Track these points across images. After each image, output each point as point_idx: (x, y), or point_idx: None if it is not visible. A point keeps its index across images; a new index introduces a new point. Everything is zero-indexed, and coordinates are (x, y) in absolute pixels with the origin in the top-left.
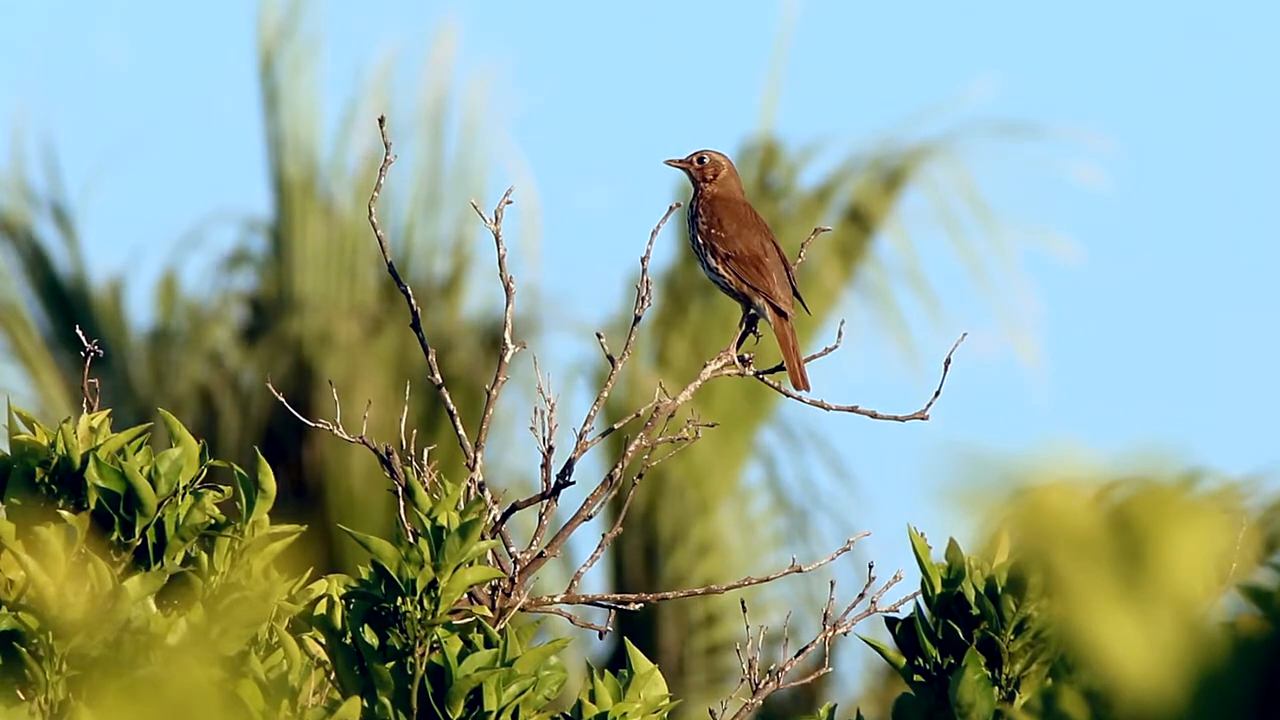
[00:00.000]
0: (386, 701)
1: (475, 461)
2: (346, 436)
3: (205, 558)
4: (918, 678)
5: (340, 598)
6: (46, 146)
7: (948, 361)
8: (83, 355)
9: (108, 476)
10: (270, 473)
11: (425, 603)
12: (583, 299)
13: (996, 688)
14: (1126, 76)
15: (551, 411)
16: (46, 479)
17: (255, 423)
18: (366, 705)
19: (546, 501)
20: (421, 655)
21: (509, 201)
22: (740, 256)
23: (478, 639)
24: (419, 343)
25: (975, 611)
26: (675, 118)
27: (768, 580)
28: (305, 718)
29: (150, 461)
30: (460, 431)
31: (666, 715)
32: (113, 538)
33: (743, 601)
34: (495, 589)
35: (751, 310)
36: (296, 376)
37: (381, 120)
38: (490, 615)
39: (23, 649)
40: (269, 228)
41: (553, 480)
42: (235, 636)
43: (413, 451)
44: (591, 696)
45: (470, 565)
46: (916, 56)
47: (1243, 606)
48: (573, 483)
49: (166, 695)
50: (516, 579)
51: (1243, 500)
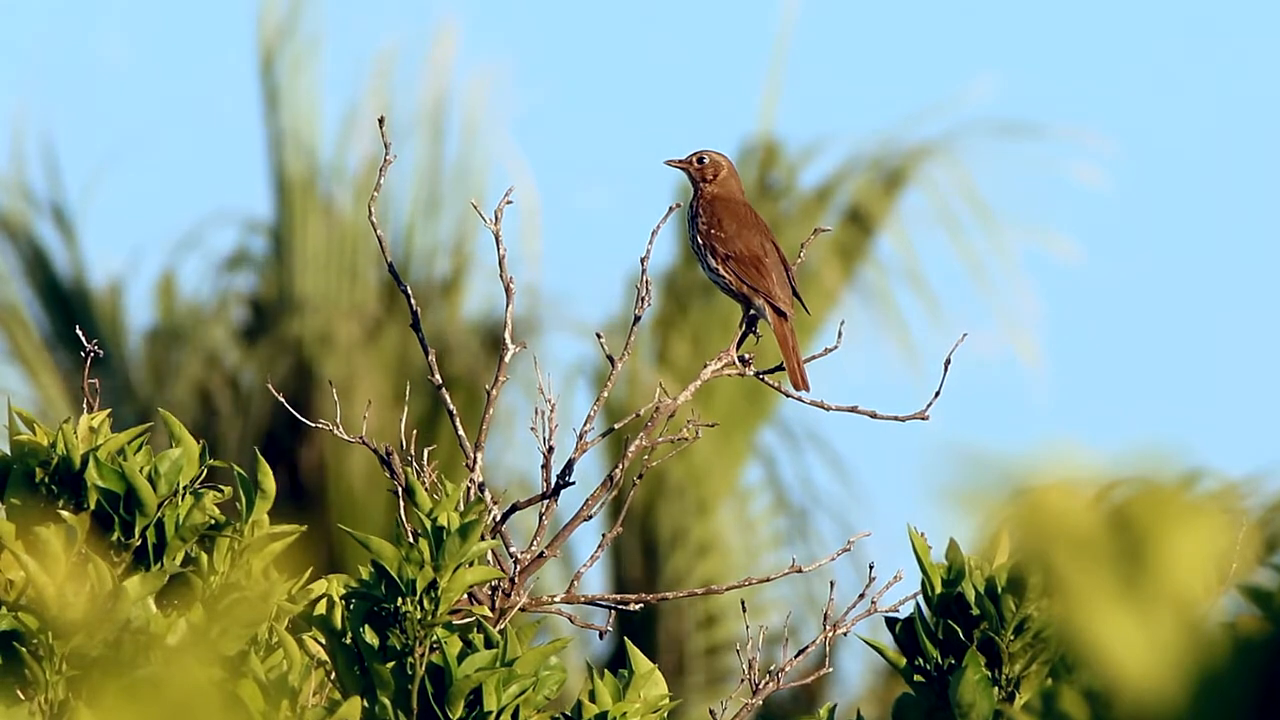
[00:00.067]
0: (386, 701)
1: (475, 462)
2: (347, 437)
3: (205, 558)
4: (918, 678)
5: (340, 598)
6: (46, 147)
7: (948, 361)
8: (83, 355)
9: (108, 477)
10: (270, 473)
11: (425, 603)
12: (583, 299)
13: (996, 688)
14: (1126, 76)
15: (552, 412)
16: (46, 479)
17: (255, 423)
18: (366, 705)
19: (546, 502)
20: (421, 655)
21: (509, 201)
22: (740, 257)
23: (478, 639)
24: (419, 343)
25: (975, 611)
26: (675, 118)
27: (768, 580)
28: (305, 718)
29: (150, 462)
30: (460, 432)
31: (666, 715)
32: (113, 538)
33: (743, 601)
34: (495, 589)
35: (751, 310)
36: (296, 377)
37: (381, 120)
38: (490, 615)
39: (23, 649)
40: (269, 228)
41: (553, 480)
42: (235, 636)
43: (413, 452)
44: (591, 696)
45: (470, 565)
46: (916, 56)
47: (1243, 606)
48: (573, 483)
49: (166, 695)
50: (516, 579)
51: (1243, 500)
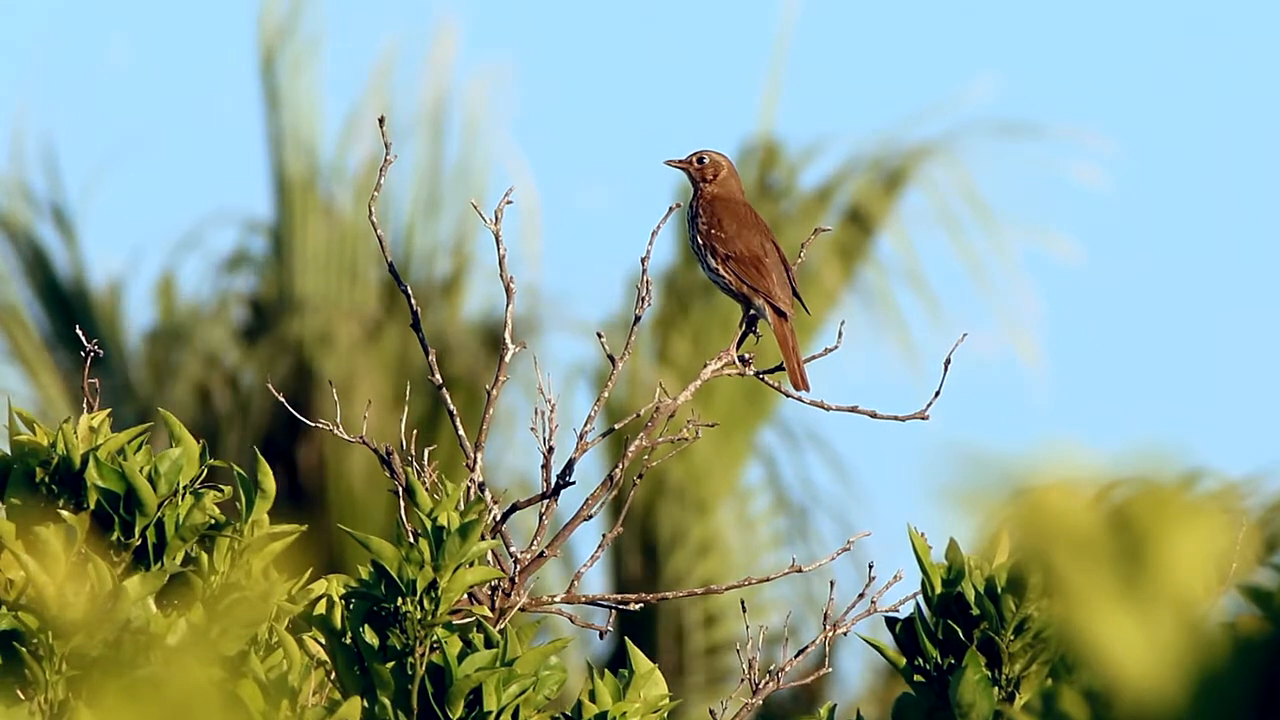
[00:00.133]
0: (386, 701)
1: (475, 462)
2: (347, 437)
3: (205, 558)
4: (918, 678)
5: (340, 598)
6: (46, 147)
7: (948, 361)
8: (83, 355)
9: (108, 476)
10: (270, 473)
11: (425, 603)
12: (583, 299)
13: (996, 688)
14: (1126, 76)
15: (552, 412)
16: (46, 479)
17: (255, 423)
18: (366, 705)
19: (547, 501)
20: (421, 655)
21: (509, 201)
22: (740, 257)
23: (478, 639)
24: (419, 343)
25: (975, 611)
26: (675, 118)
27: (768, 580)
28: (305, 718)
29: (150, 461)
30: (460, 432)
31: (666, 715)
32: (113, 538)
33: (743, 601)
34: (495, 589)
35: (751, 310)
36: (296, 377)
37: (381, 120)
38: (490, 615)
39: (23, 649)
40: (269, 228)
41: (553, 480)
42: (235, 636)
43: (413, 452)
44: (591, 696)
45: (470, 565)
46: (916, 56)
47: (1243, 606)
48: (573, 483)
49: (166, 695)
50: (517, 579)
51: (1243, 500)
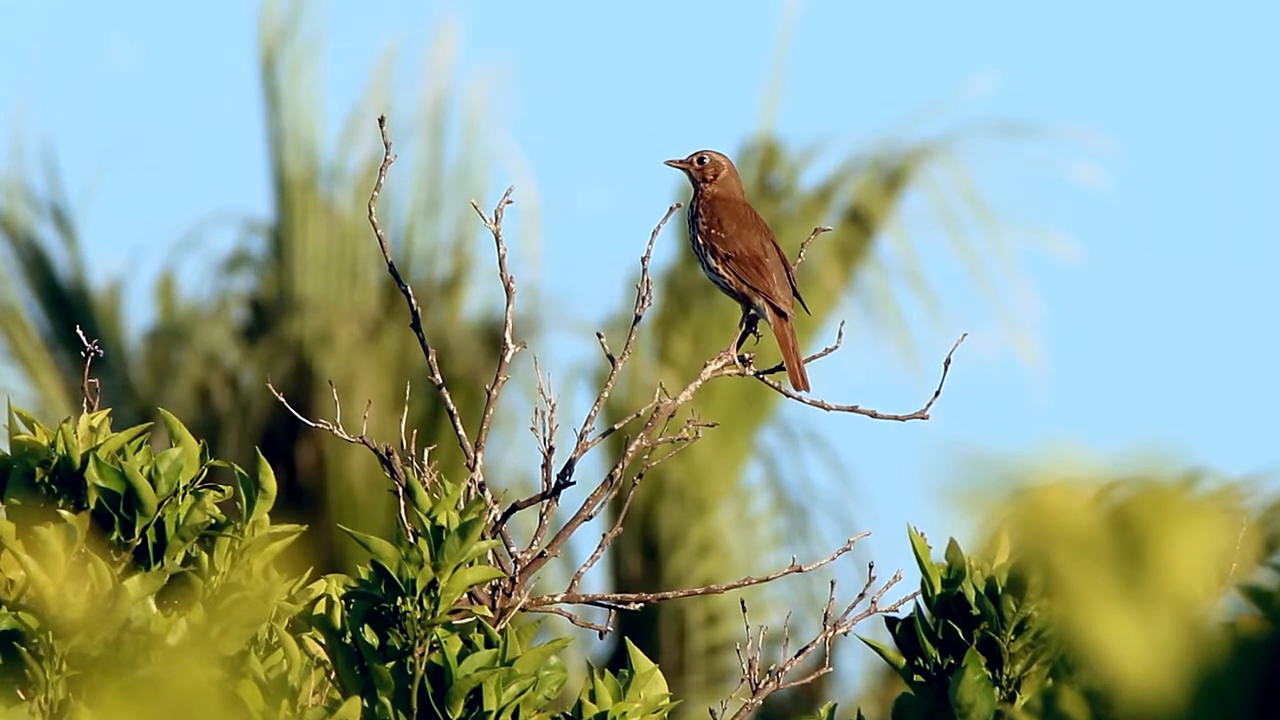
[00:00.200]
0: (386, 701)
1: (475, 461)
2: (347, 437)
3: (205, 558)
4: (918, 678)
5: (340, 598)
6: (46, 147)
7: (948, 361)
8: (83, 355)
9: (108, 476)
10: (270, 472)
11: (425, 603)
12: (583, 299)
13: (997, 688)
14: (1126, 76)
15: (552, 412)
16: (46, 479)
17: (255, 423)
18: (366, 705)
19: (547, 501)
20: (421, 655)
21: (509, 201)
22: (740, 257)
23: (478, 639)
24: (419, 343)
25: (975, 612)
26: (675, 118)
27: (768, 580)
28: (305, 718)
29: (150, 461)
30: (460, 432)
31: (666, 715)
32: (113, 538)
33: (743, 601)
34: (495, 589)
35: (751, 310)
36: (297, 377)
37: (382, 120)
38: (490, 615)
39: (23, 649)
40: (269, 228)
41: (553, 480)
42: (235, 636)
43: (413, 452)
44: (591, 696)
45: (470, 565)
46: (916, 56)
47: (1243, 606)
48: (573, 483)
49: (166, 695)
50: (517, 579)
51: (1243, 500)
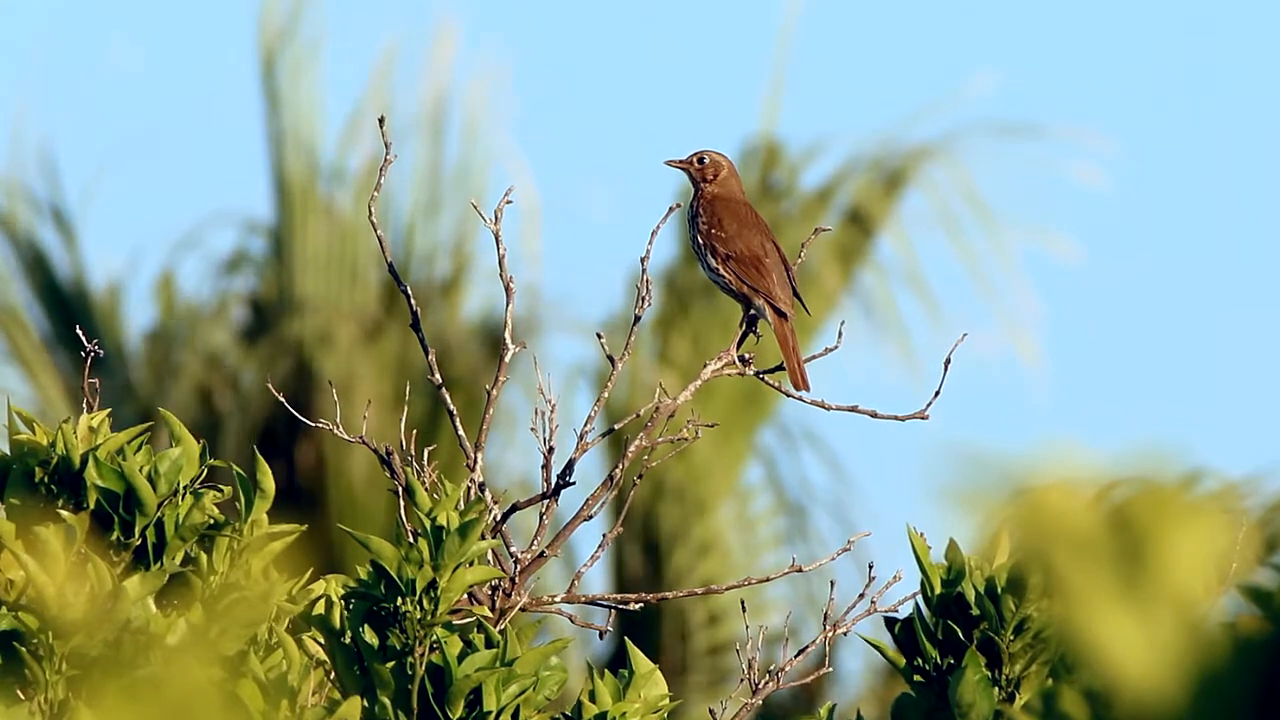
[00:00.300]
0: (386, 701)
1: (475, 462)
2: (347, 437)
3: (205, 558)
4: (917, 678)
5: (340, 598)
6: (46, 147)
7: (948, 361)
8: (83, 355)
9: (107, 476)
10: (269, 473)
11: (425, 603)
12: (583, 299)
13: (996, 688)
14: (1126, 76)
15: (552, 412)
16: (46, 479)
17: (255, 424)
18: (366, 705)
19: (547, 501)
20: (421, 655)
21: (509, 201)
22: (740, 257)
23: (478, 639)
24: (419, 343)
25: (975, 612)
26: (675, 118)
27: (767, 580)
28: (305, 718)
29: (150, 461)
30: (460, 432)
31: (666, 715)
32: (112, 538)
33: (742, 601)
34: (495, 589)
35: (751, 310)
36: (297, 377)
37: (381, 120)
38: (490, 615)
39: (23, 649)
40: (269, 229)
41: (553, 480)
42: (234, 636)
43: (413, 452)
44: (591, 696)
45: (470, 565)
46: (916, 56)
47: (1243, 606)
48: (573, 483)
49: (166, 695)
50: (517, 579)
51: (1243, 500)
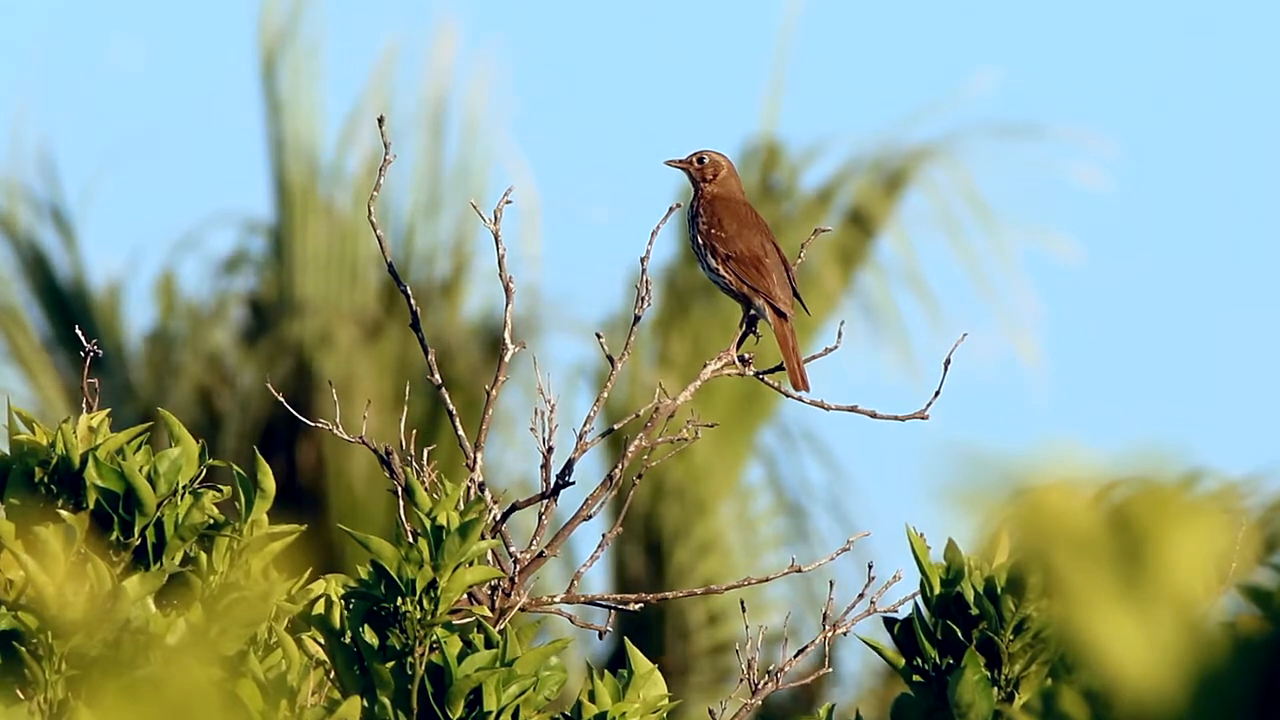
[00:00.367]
0: (386, 701)
1: (475, 462)
2: (346, 437)
3: (204, 557)
4: (917, 678)
5: (340, 598)
6: (46, 148)
7: (948, 361)
8: (82, 355)
9: (107, 476)
10: (269, 473)
11: (425, 603)
12: (583, 299)
13: (996, 688)
14: (1126, 76)
15: (552, 412)
16: (46, 479)
17: (255, 424)
18: (366, 705)
19: (546, 501)
20: (421, 655)
21: (508, 201)
22: (740, 257)
23: (478, 639)
24: (419, 343)
25: (974, 612)
26: (675, 118)
27: (767, 580)
28: (304, 717)
29: (149, 461)
30: (460, 432)
31: (666, 715)
32: (112, 537)
33: (742, 601)
34: (495, 589)
35: (751, 311)
36: (296, 378)
37: (381, 120)
38: (490, 615)
39: (22, 648)
40: (269, 229)
41: (553, 480)
42: (234, 636)
43: (413, 452)
44: (591, 696)
45: (470, 565)
46: (916, 56)
47: (1243, 606)
48: (573, 483)
49: (166, 695)
50: (516, 579)
51: (1243, 500)
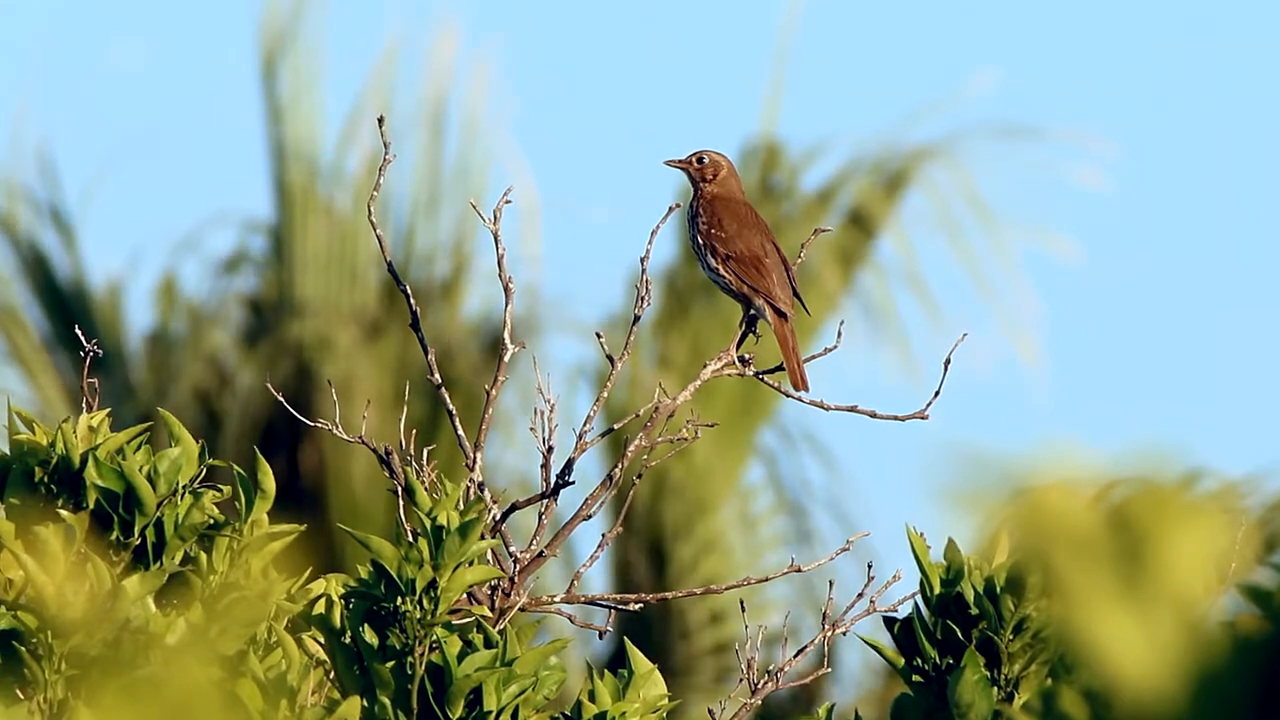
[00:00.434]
0: (386, 701)
1: (475, 461)
2: (346, 437)
3: (204, 557)
4: (916, 678)
5: (340, 597)
6: (46, 148)
7: (948, 361)
8: (82, 355)
9: (107, 476)
10: (269, 472)
11: (425, 602)
12: (583, 299)
13: (995, 688)
14: (1126, 77)
15: (551, 412)
16: (46, 479)
17: (255, 424)
18: (366, 705)
19: (546, 501)
20: (421, 655)
21: (508, 201)
22: (740, 257)
23: (478, 639)
24: (419, 343)
25: (974, 611)
26: (675, 118)
27: (767, 580)
28: (304, 717)
29: (149, 461)
30: (460, 432)
31: (665, 715)
32: (112, 537)
33: (742, 601)
34: (495, 589)
35: (751, 310)
36: (297, 379)
37: (381, 120)
38: (490, 615)
39: (22, 648)
40: (269, 230)
41: (552, 480)
42: (234, 636)
43: (413, 452)
44: (591, 696)
45: (470, 565)
46: (916, 56)
47: (1243, 606)
48: (572, 483)
49: (166, 695)
50: (516, 579)
51: (1243, 500)
